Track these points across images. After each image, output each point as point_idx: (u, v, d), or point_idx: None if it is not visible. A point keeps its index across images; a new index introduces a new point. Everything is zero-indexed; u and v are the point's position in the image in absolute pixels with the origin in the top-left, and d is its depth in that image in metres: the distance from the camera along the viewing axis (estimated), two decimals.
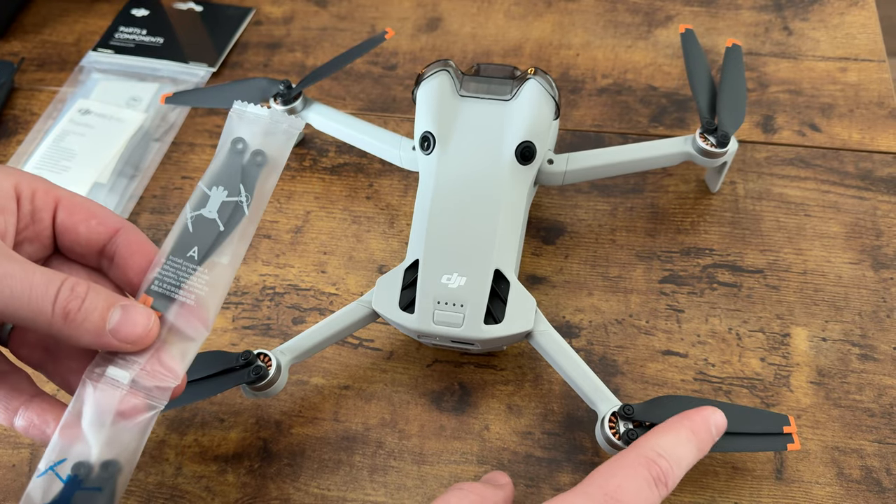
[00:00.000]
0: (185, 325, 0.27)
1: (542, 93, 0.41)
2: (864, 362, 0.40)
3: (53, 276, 0.25)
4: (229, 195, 0.28)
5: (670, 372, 0.41)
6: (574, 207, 0.47)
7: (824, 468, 0.37)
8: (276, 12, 0.60)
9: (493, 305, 0.37)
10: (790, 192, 0.47)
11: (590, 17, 0.57)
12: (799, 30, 0.55)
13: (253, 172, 0.28)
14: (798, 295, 0.43)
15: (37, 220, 0.28)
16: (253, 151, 0.28)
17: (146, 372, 0.26)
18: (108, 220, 0.28)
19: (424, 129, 0.41)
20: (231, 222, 0.28)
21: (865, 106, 0.51)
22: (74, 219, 0.28)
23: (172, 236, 0.28)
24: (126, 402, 0.26)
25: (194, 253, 0.28)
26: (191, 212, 0.28)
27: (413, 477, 0.38)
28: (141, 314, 0.26)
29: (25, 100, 0.56)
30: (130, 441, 0.26)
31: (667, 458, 0.29)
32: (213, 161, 0.28)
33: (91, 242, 0.28)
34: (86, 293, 0.25)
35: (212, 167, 0.28)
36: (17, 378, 0.29)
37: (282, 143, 0.29)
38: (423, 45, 0.57)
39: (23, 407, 0.28)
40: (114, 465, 0.25)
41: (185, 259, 0.27)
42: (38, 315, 0.24)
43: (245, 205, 0.28)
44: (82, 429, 0.26)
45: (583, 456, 0.38)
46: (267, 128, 0.29)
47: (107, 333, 0.25)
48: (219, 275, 0.27)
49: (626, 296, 0.43)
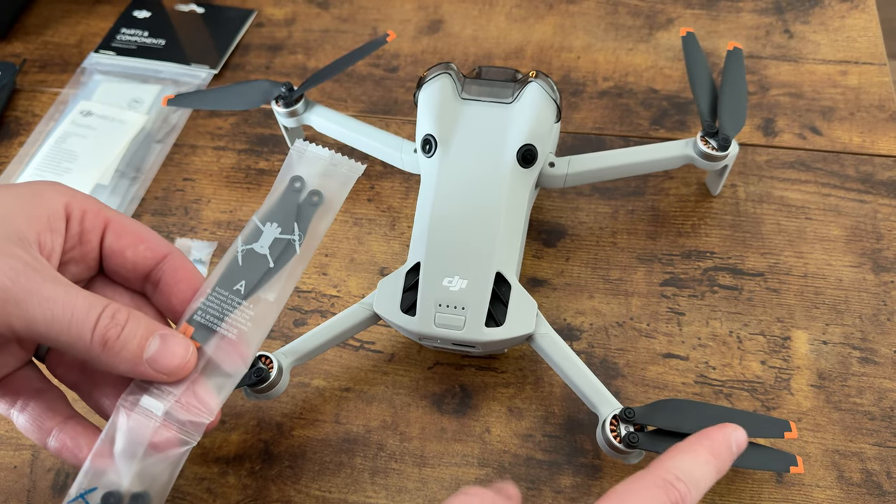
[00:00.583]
0: (224, 359, 0.26)
1: (544, 96, 0.41)
2: (865, 365, 0.40)
3: (95, 302, 0.25)
4: (282, 232, 0.28)
5: (671, 375, 0.41)
6: (575, 210, 0.47)
7: (825, 471, 0.37)
8: (277, 14, 0.60)
9: (494, 308, 0.37)
10: (791, 195, 0.47)
11: (591, 19, 0.57)
12: (800, 33, 0.55)
13: (308, 212, 0.28)
14: (799, 298, 0.43)
15: (84, 241, 0.27)
16: (310, 191, 0.28)
17: (181, 405, 0.26)
18: (156, 245, 0.28)
19: (426, 131, 0.41)
20: (281, 259, 0.27)
21: (866, 109, 0.51)
22: (122, 243, 0.28)
23: (220, 267, 0.28)
24: (159, 435, 0.26)
25: (241, 287, 0.27)
26: (242, 245, 0.28)
27: (414, 479, 0.38)
28: (180, 345, 0.26)
29: (27, 101, 0.56)
30: (161, 474, 0.26)
31: (685, 480, 0.27)
32: (269, 196, 0.28)
33: (138, 267, 0.28)
34: (126, 321, 0.25)
35: (268, 202, 0.28)
36: (53, 397, 0.29)
37: (339, 185, 0.29)
38: (425, 48, 0.57)
39: (57, 428, 0.28)
40: (144, 499, 0.25)
41: (231, 292, 0.27)
42: (77, 341, 0.24)
43: (297, 244, 0.28)
44: (114, 458, 0.26)
45: (583, 459, 0.38)
46: (326, 169, 0.29)
47: (144, 363, 0.25)
48: (264, 311, 0.27)
49: (627, 298, 0.43)
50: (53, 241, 0.26)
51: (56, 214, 0.26)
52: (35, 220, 0.25)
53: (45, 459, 0.40)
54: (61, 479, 0.39)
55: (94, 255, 0.28)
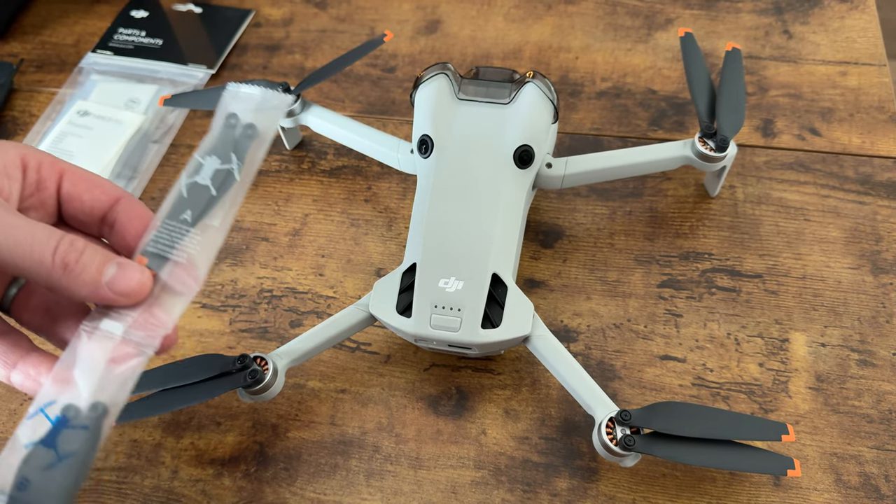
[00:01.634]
0: (177, 282, 0.28)
1: (541, 96, 0.41)
2: (863, 368, 0.40)
3: (55, 231, 0.27)
4: (222, 164, 0.31)
5: (668, 377, 0.40)
6: (573, 211, 0.47)
7: (822, 474, 0.37)
8: (275, 14, 0.60)
9: (490, 310, 0.37)
10: (789, 196, 0.47)
11: (589, 20, 0.57)
12: (799, 33, 0.55)
13: (244, 144, 0.31)
14: (797, 300, 0.43)
15: (42, 188, 0.29)
16: (245, 125, 0.31)
17: (138, 324, 0.28)
18: (110, 189, 0.30)
19: (422, 132, 0.41)
20: (223, 188, 0.30)
21: (865, 110, 0.51)
22: (79, 188, 0.30)
23: (168, 202, 0.30)
24: (118, 350, 0.27)
25: (188, 216, 0.30)
26: (186, 179, 0.30)
27: (409, 482, 0.38)
28: (136, 269, 0.27)
29: (24, 101, 0.56)
30: (119, 386, 0.27)
31: None
32: (207, 135, 0.31)
33: (94, 210, 0.30)
34: (84, 247, 0.27)
35: (207, 139, 0.31)
36: (17, 337, 0.30)
37: (271, 118, 0.31)
38: (423, 48, 0.56)
39: (20, 361, 0.29)
40: (101, 406, 0.27)
41: (178, 222, 0.29)
42: (38, 265, 0.26)
43: (236, 171, 0.30)
44: (74, 375, 0.27)
45: (580, 461, 0.38)
46: (258, 105, 0.31)
47: (103, 286, 0.27)
48: (210, 236, 0.29)
49: (625, 300, 0.43)
50: (11, 186, 0.28)
51: (12, 163, 0.28)
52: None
53: None
54: None
55: (53, 201, 0.30)
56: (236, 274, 0.46)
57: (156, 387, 0.37)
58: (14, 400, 0.42)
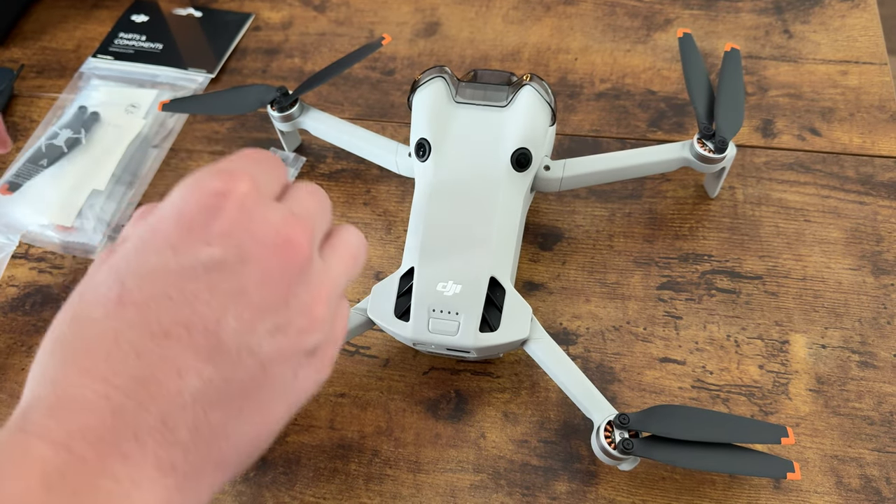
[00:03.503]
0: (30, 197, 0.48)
1: (538, 99, 0.41)
2: (864, 370, 0.40)
3: None
4: (73, 133, 0.51)
5: (668, 379, 0.40)
6: (572, 213, 0.47)
7: (823, 477, 0.37)
8: (274, 18, 0.60)
9: (488, 313, 0.37)
10: (790, 197, 0.47)
11: (588, 21, 0.57)
12: (799, 32, 0.55)
13: (90, 122, 0.52)
14: (797, 301, 0.42)
15: None
16: (91, 112, 0.52)
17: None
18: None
19: (420, 135, 0.41)
20: (71, 148, 0.50)
21: (866, 110, 0.50)
22: None
23: (29, 152, 0.50)
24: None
25: (44, 162, 0.50)
26: (45, 141, 0.51)
27: (409, 485, 0.38)
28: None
29: (25, 106, 0.56)
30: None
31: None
32: (62, 117, 0.52)
33: None
34: None
35: (62, 120, 0.52)
36: None
37: (115, 108, 0.53)
38: (422, 51, 0.56)
39: None
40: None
41: (36, 165, 0.50)
42: None
43: (83, 138, 0.51)
44: None
45: (579, 465, 0.38)
46: (101, 100, 0.54)
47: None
48: (59, 174, 0.49)
49: (624, 302, 0.43)
50: None
51: None
52: None
53: None
54: None
55: None
56: None
57: None
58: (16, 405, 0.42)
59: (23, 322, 0.45)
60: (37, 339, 0.44)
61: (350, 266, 0.27)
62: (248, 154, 0.26)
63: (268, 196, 0.25)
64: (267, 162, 0.26)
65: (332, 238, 0.27)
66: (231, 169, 0.24)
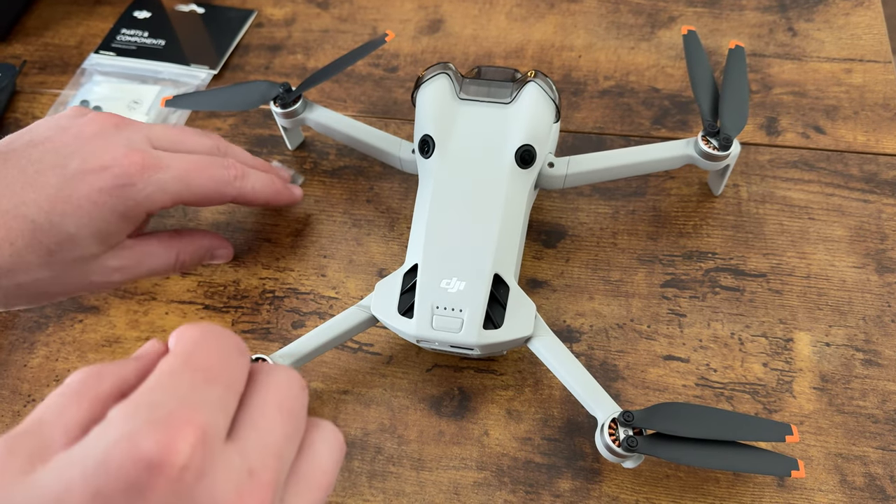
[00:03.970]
0: None
1: (542, 96, 0.41)
2: (868, 368, 0.40)
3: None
4: None
5: (672, 377, 0.40)
6: (575, 210, 0.47)
7: (827, 475, 0.37)
8: (277, 14, 0.60)
9: (492, 310, 0.37)
10: (794, 195, 0.47)
11: (592, 18, 0.57)
12: (803, 30, 0.55)
13: None
14: (801, 299, 0.42)
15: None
16: (94, 108, 0.49)
17: None
18: None
19: (423, 132, 0.41)
20: None
21: (871, 108, 0.50)
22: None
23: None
24: None
25: None
26: None
27: (412, 483, 0.38)
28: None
29: (27, 103, 0.56)
30: None
31: None
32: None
33: None
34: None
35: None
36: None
37: (121, 107, 0.54)
38: (425, 48, 0.56)
39: None
40: None
41: None
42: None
43: None
44: None
45: (583, 462, 0.38)
46: (107, 95, 0.55)
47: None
48: None
49: (628, 300, 0.43)
50: None
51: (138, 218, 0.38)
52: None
53: None
54: None
55: None
56: (238, 275, 0.45)
57: None
58: (18, 402, 0.42)
59: (24, 318, 0.45)
60: (39, 336, 0.44)
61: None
62: (197, 357, 0.21)
63: (218, 439, 0.19)
64: (222, 365, 0.21)
65: (299, 462, 0.22)
66: (173, 415, 0.19)
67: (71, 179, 0.34)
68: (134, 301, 0.45)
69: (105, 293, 0.45)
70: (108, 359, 0.43)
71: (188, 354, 0.21)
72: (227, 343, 0.22)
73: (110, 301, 0.45)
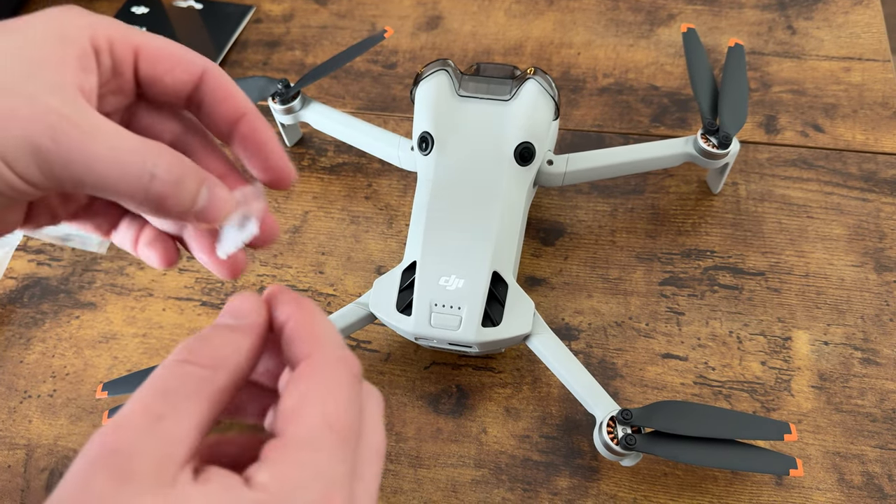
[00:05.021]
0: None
1: (542, 93, 0.40)
2: (867, 366, 0.40)
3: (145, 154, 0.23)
4: None
5: (670, 375, 0.40)
6: (574, 208, 0.47)
7: (825, 474, 0.37)
8: (275, 10, 0.59)
9: (490, 308, 0.37)
10: (792, 193, 0.46)
11: (591, 15, 0.57)
12: (803, 29, 0.55)
13: None
14: (800, 298, 0.42)
15: (118, 73, 0.26)
16: None
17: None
18: (191, 65, 0.26)
19: (422, 129, 0.41)
20: None
21: (869, 106, 0.50)
22: (157, 69, 0.26)
23: None
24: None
25: None
26: None
27: (409, 480, 0.38)
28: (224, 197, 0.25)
29: None
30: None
31: None
32: None
33: (178, 92, 0.27)
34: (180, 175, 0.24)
35: None
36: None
37: None
38: (424, 44, 0.56)
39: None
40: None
41: None
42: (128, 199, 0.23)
43: None
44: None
45: (581, 460, 0.38)
46: None
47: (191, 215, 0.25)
48: None
49: (626, 298, 0.43)
50: (89, 81, 0.25)
51: (84, 52, 0.24)
52: (67, 65, 0.24)
53: (38, 459, 0.39)
54: (55, 479, 0.39)
55: (130, 84, 0.26)
56: None
57: None
58: (14, 398, 0.42)
59: (21, 314, 0.45)
60: (35, 332, 0.44)
61: None
62: (335, 415, 0.20)
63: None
64: (353, 418, 0.21)
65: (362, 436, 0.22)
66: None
67: None
68: (131, 297, 0.45)
69: (103, 290, 0.45)
70: (105, 356, 0.43)
71: (326, 414, 0.20)
72: (356, 385, 0.22)
73: (107, 297, 0.45)
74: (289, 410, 0.21)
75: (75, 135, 0.23)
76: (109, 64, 0.25)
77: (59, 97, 0.23)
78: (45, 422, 0.41)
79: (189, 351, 0.21)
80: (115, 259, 0.46)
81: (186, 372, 0.21)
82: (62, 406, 0.41)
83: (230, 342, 0.22)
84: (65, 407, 0.41)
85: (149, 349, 0.43)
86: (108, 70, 0.26)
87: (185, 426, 0.20)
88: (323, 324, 0.23)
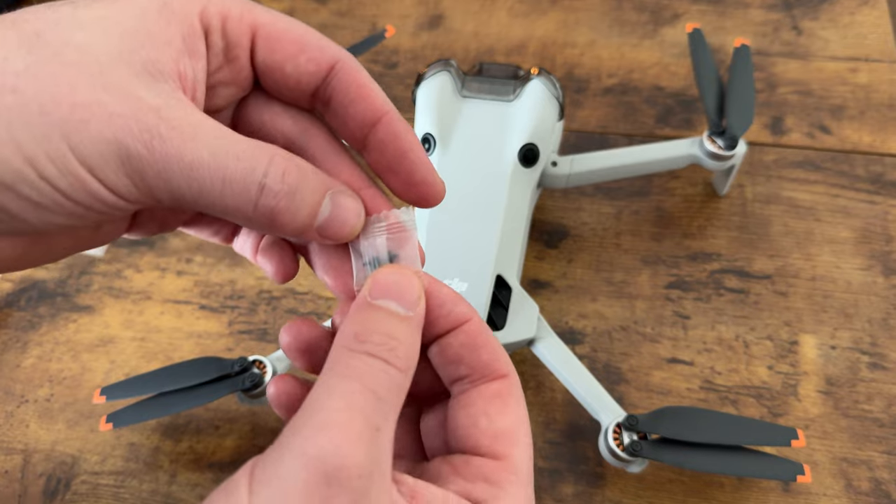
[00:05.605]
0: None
1: (546, 93, 0.40)
2: (874, 371, 0.39)
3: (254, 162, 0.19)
4: None
5: (676, 380, 0.40)
6: (578, 210, 0.46)
7: (832, 480, 0.36)
8: (275, 8, 0.59)
9: (494, 312, 0.36)
10: (799, 195, 0.46)
11: (595, 15, 0.56)
12: (809, 29, 0.54)
13: None
14: (807, 301, 0.42)
15: (231, 58, 0.21)
16: None
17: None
18: (320, 55, 0.22)
19: (424, 130, 0.40)
20: None
21: (876, 108, 0.50)
22: (278, 56, 0.21)
23: None
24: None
25: None
26: None
27: None
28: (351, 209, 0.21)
29: None
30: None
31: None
32: None
33: (301, 85, 0.22)
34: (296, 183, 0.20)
35: None
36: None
37: None
38: (425, 44, 0.56)
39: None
40: None
41: None
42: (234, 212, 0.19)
43: None
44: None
45: (585, 466, 0.37)
46: None
47: (313, 230, 0.21)
48: None
49: (631, 301, 0.42)
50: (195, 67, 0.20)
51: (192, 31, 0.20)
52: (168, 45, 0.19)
53: (36, 464, 0.39)
54: (52, 484, 0.38)
55: (246, 73, 0.22)
56: (235, 274, 0.45)
57: (153, 390, 0.37)
58: (10, 402, 0.41)
59: (18, 318, 0.44)
60: (32, 336, 0.43)
61: None
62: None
63: None
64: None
65: None
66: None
67: None
68: (129, 301, 0.44)
69: (100, 293, 0.45)
70: (103, 360, 0.42)
71: (530, 445, 0.21)
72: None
73: (105, 300, 0.44)
74: (510, 433, 0.21)
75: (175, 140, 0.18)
76: (221, 46, 0.21)
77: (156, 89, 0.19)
78: (42, 426, 0.40)
79: (389, 350, 0.19)
80: (113, 262, 0.46)
81: (391, 378, 0.19)
82: (59, 410, 0.41)
83: (415, 342, 0.20)
84: (62, 411, 0.41)
85: (147, 353, 0.42)
86: (220, 54, 0.21)
87: (391, 437, 0.18)
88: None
